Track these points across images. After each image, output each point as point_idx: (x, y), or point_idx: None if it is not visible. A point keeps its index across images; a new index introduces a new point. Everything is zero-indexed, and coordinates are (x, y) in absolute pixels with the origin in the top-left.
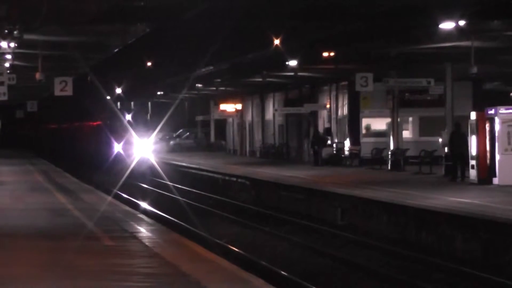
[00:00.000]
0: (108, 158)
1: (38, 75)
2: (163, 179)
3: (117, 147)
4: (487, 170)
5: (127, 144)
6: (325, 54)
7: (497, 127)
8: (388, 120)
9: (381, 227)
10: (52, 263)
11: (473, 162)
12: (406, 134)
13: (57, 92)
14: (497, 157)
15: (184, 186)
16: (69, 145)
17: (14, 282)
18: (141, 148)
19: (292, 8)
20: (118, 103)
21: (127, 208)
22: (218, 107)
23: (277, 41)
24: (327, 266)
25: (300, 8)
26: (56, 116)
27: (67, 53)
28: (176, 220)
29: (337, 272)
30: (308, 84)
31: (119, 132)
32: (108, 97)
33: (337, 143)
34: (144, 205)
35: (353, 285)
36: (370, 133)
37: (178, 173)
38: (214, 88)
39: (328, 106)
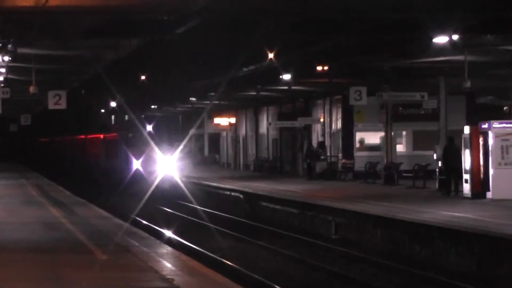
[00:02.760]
0: (125, 176)
1: (32, 89)
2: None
3: (136, 164)
4: (480, 184)
5: (148, 160)
6: (319, 68)
7: (490, 141)
8: (382, 134)
9: (375, 241)
10: (46, 277)
11: (466, 176)
12: (400, 148)
13: (51, 106)
14: (491, 171)
15: (177, 200)
16: (74, 160)
17: None
18: (164, 165)
19: (287, 23)
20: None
21: (120, 221)
22: (212, 120)
23: (271, 55)
24: (321, 280)
25: (294, 22)
26: (59, 128)
27: (61, 66)
28: (173, 235)
29: (330, 286)
30: (302, 98)
31: (138, 146)
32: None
33: (330, 157)
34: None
35: None
36: (364, 147)
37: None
38: (208, 102)
39: (322, 120)
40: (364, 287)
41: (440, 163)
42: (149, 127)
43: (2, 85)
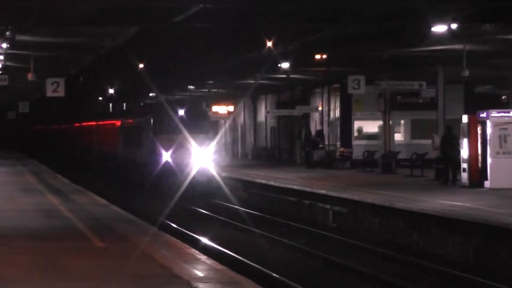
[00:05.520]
0: (152, 169)
1: (30, 76)
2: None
3: (165, 155)
4: (478, 173)
5: (180, 151)
6: (318, 56)
7: (488, 130)
8: (380, 122)
9: (373, 230)
10: (44, 264)
11: (464, 165)
12: (398, 137)
13: (49, 93)
14: (489, 160)
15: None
16: (82, 150)
17: (6, 284)
18: (199, 157)
19: (285, 11)
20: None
21: (118, 209)
22: (210, 108)
23: (269, 43)
24: (318, 268)
25: (293, 10)
26: (63, 115)
27: (59, 54)
28: (168, 222)
29: (328, 274)
30: (300, 86)
31: (167, 134)
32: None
33: (329, 146)
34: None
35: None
36: (362, 135)
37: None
38: (206, 90)
39: (320, 108)
40: (361, 275)
41: (438, 152)
42: (181, 112)
43: (0, 72)
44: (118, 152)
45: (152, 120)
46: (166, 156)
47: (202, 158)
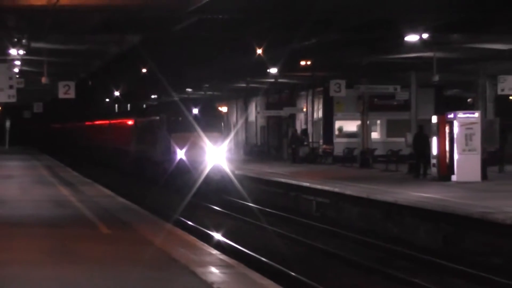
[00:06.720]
0: (167, 167)
1: (43, 79)
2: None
3: (180, 153)
4: (446, 168)
5: (194, 149)
6: (303, 62)
7: (455, 129)
8: (359, 122)
9: (352, 218)
10: (55, 249)
11: (434, 160)
12: (375, 135)
13: (61, 95)
14: (456, 156)
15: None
16: (95, 148)
17: (21, 267)
18: (212, 155)
19: (274, 22)
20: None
21: (123, 200)
22: None
23: (259, 51)
24: (303, 253)
25: (281, 21)
26: (76, 114)
27: (70, 59)
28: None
29: (312, 259)
30: (287, 89)
31: (182, 131)
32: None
33: (312, 143)
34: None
35: (325, 270)
36: (343, 134)
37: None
38: (203, 92)
39: (305, 109)
40: (341, 260)
41: (411, 149)
42: (195, 110)
43: (17, 76)
44: (131, 150)
45: (166, 119)
46: (180, 153)
47: (216, 156)
